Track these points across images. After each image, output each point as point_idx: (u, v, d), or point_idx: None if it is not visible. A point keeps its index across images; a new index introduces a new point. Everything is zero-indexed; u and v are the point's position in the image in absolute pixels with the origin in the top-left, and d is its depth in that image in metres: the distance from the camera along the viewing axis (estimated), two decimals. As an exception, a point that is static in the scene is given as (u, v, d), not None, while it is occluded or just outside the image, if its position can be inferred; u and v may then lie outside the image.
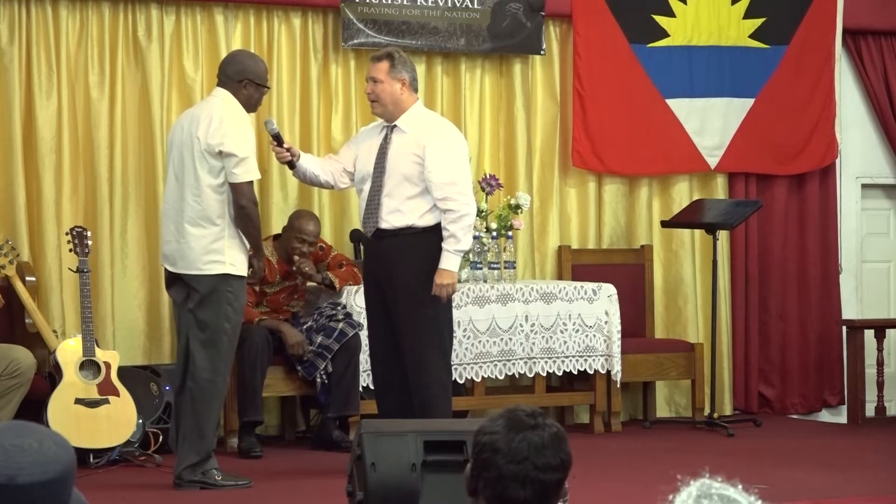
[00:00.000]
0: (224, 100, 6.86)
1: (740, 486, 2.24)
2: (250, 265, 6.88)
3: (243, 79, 6.87)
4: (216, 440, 6.96)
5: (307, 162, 7.21)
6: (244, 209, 6.74)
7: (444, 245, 6.78)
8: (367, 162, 6.99)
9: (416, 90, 7.05)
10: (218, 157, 6.73)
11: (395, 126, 6.96)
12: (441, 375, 6.87)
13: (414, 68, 7.13)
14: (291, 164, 7.19)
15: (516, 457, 2.89)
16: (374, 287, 7.02)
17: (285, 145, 7.16)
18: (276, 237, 8.20)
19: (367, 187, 6.97)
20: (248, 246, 6.84)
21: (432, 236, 6.83)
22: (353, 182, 7.16)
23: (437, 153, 6.83)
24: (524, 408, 2.99)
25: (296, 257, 8.01)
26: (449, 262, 6.78)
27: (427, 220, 6.85)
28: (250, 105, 6.92)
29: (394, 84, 6.95)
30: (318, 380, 7.88)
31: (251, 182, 6.78)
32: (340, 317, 7.91)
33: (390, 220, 6.88)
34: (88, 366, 7.30)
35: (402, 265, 6.83)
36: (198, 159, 6.76)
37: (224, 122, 6.75)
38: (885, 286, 10.38)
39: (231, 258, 6.76)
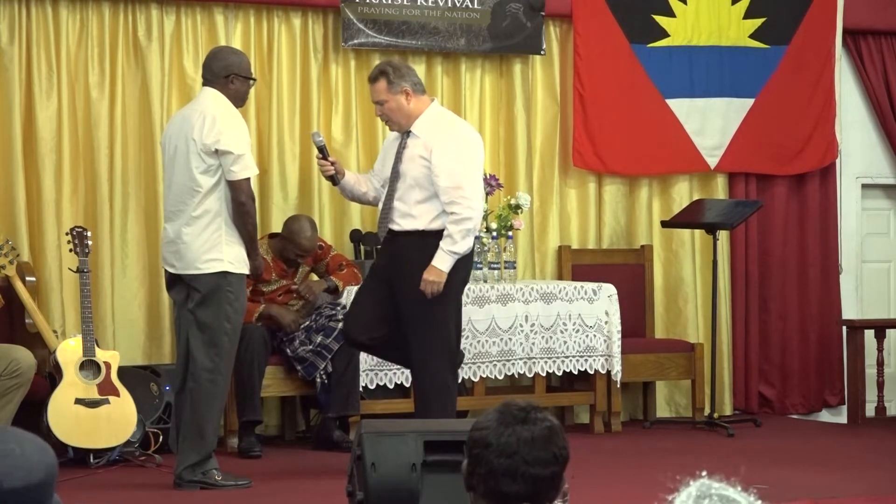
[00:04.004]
0: (213, 98, 6.86)
1: (739, 487, 2.24)
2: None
3: (230, 74, 6.88)
4: (217, 440, 6.95)
5: (353, 179, 7.21)
6: (243, 206, 6.75)
7: (441, 243, 6.76)
8: (388, 168, 7.01)
9: (423, 92, 7.00)
10: (214, 155, 6.73)
11: (410, 131, 6.95)
12: (446, 377, 6.86)
13: (413, 71, 7.08)
14: (334, 180, 7.19)
15: (506, 451, 2.90)
16: (381, 282, 6.98)
17: (330, 159, 7.16)
18: (272, 236, 8.21)
19: (386, 188, 6.98)
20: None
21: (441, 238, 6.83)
22: None
23: (443, 157, 6.80)
24: (518, 402, 2.99)
25: (300, 289, 8.05)
26: (441, 260, 6.75)
27: (437, 225, 6.82)
28: (238, 99, 6.93)
29: (398, 98, 6.90)
30: (318, 380, 7.88)
31: (249, 178, 6.79)
32: (340, 317, 7.91)
33: (402, 223, 6.88)
34: (88, 366, 7.30)
35: (412, 266, 6.80)
36: (193, 160, 6.76)
37: (217, 120, 6.75)
38: (885, 286, 10.38)
39: (230, 256, 6.77)
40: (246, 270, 6.85)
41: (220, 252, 6.76)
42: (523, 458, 2.89)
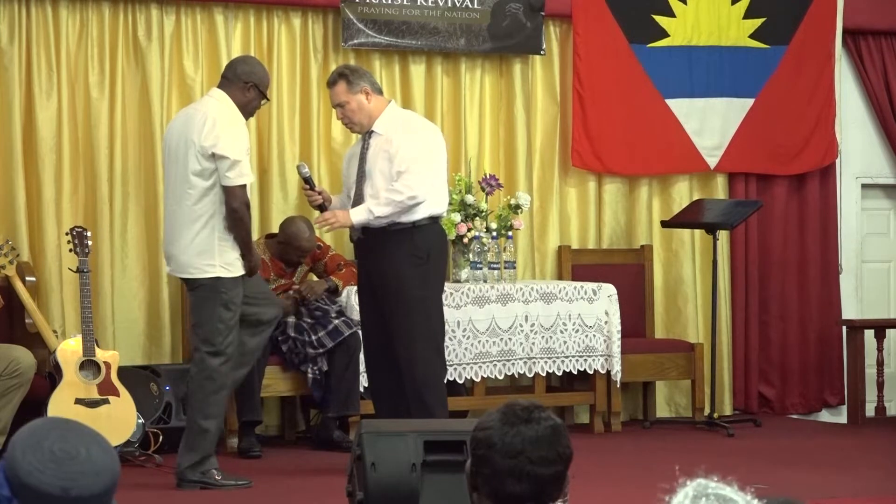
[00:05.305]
0: (219, 100, 6.85)
1: (736, 486, 2.24)
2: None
3: (250, 81, 6.88)
4: (217, 440, 6.96)
5: (338, 203, 7.26)
6: (236, 212, 6.72)
7: (368, 200, 6.82)
8: (353, 172, 7.07)
9: (380, 92, 7.11)
10: (211, 159, 6.72)
11: (372, 132, 7.00)
12: (434, 366, 6.90)
13: (369, 73, 7.23)
14: (322, 208, 7.24)
15: (510, 451, 2.89)
16: (367, 290, 7.03)
17: (317, 189, 7.21)
18: (269, 236, 8.21)
19: (352, 193, 7.02)
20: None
21: (418, 232, 6.85)
22: None
23: (400, 148, 6.88)
24: (522, 402, 2.99)
25: (301, 289, 8.05)
26: (358, 213, 6.82)
27: (411, 216, 6.86)
28: (248, 110, 6.91)
29: (358, 98, 6.98)
30: (311, 374, 7.88)
31: (244, 185, 6.77)
32: (333, 314, 7.93)
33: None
34: (88, 366, 7.30)
35: (390, 260, 6.85)
36: (191, 161, 6.75)
37: (217, 123, 6.73)
38: (885, 286, 10.38)
39: (223, 260, 6.76)
40: (240, 273, 6.82)
41: (212, 257, 6.74)
42: (528, 457, 2.88)
